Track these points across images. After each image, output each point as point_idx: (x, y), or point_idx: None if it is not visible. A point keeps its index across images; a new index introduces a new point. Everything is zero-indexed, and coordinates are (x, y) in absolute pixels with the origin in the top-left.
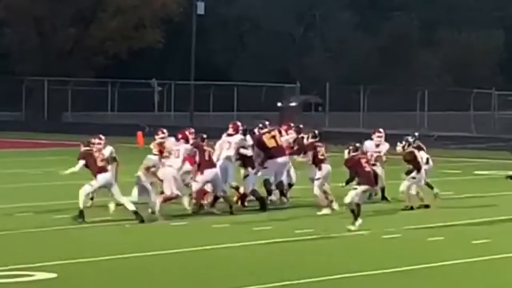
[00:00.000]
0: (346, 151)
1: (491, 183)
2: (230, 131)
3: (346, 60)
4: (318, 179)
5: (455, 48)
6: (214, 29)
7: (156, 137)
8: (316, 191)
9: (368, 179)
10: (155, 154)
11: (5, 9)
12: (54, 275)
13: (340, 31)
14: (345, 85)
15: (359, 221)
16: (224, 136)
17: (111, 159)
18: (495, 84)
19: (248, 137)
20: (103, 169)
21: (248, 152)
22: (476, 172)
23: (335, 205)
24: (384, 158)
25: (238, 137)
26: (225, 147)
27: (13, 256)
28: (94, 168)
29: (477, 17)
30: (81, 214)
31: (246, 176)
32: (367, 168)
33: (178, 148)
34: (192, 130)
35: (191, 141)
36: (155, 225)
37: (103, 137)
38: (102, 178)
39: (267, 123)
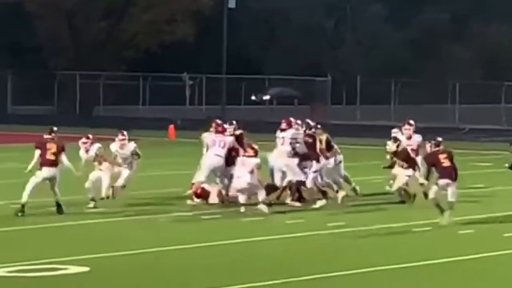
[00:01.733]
0: (427, 146)
1: None
2: (283, 126)
3: (377, 53)
4: (315, 171)
5: (486, 41)
6: (245, 22)
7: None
8: (310, 183)
9: (448, 174)
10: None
11: (38, 4)
12: (86, 268)
13: (371, 24)
14: (376, 78)
15: (447, 212)
16: (278, 132)
17: (135, 155)
18: None
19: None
20: (50, 163)
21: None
22: (507, 164)
23: (340, 193)
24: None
25: (292, 131)
26: (279, 143)
27: (46, 250)
28: (42, 159)
29: (509, 10)
30: (22, 207)
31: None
32: (446, 164)
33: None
34: (220, 121)
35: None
36: (188, 219)
37: (125, 133)
38: (45, 171)
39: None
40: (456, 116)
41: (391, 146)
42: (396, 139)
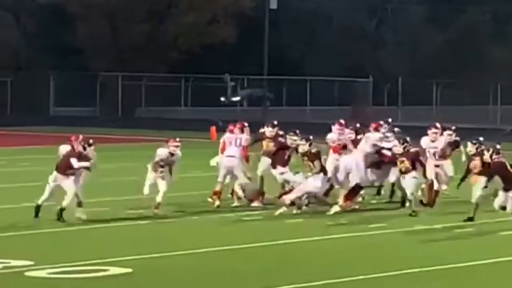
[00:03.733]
0: (487, 154)
1: None
2: (374, 126)
3: (419, 54)
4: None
5: None
6: (286, 23)
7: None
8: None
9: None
10: None
11: (80, 5)
12: (129, 270)
13: (412, 25)
14: (418, 79)
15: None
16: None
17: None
18: None
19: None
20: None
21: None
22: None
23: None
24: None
25: (378, 135)
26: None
27: (87, 251)
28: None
29: None
30: (60, 212)
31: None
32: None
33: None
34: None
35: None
36: (229, 220)
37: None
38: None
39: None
40: (498, 117)
41: (470, 148)
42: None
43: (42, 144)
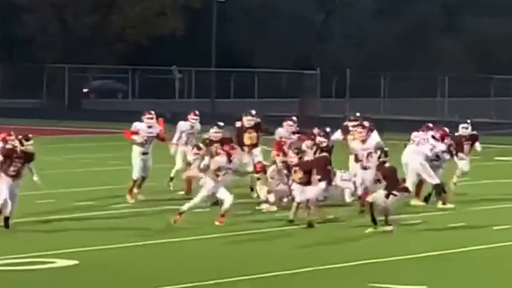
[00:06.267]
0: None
1: (510, 169)
2: (438, 135)
3: (367, 46)
4: None
5: (476, 34)
6: (234, 16)
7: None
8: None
9: None
10: None
11: None
12: (75, 262)
13: (361, 17)
14: (366, 71)
15: None
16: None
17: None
18: None
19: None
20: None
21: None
22: (497, 158)
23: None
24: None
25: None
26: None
27: (34, 243)
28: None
29: (499, 3)
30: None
31: None
32: None
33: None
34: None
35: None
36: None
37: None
38: None
39: (358, 114)
40: (445, 109)
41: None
42: None
43: None
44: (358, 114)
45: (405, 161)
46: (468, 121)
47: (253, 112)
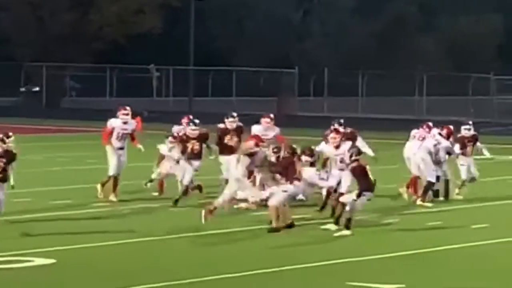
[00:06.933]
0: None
1: (491, 168)
2: (444, 132)
3: (345, 45)
4: None
5: (454, 33)
6: (213, 14)
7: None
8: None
9: None
10: None
11: None
12: (53, 260)
13: (339, 16)
14: (344, 70)
15: None
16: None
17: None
18: (493, 69)
19: None
20: None
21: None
22: (474, 157)
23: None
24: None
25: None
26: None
27: (11, 242)
28: None
29: (476, 1)
30: None
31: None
32: None
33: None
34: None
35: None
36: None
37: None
38: None
39: (342, 120)
40: (423, 108)
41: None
42: None
43: None
44: (342, 120)
45: (407, 156)
46: (470, 122)
47: (234, 114)
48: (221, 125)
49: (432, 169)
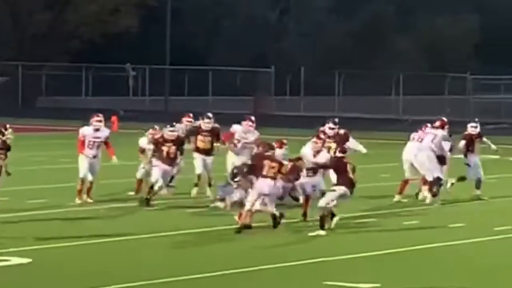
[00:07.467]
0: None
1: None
2: (437, 124)
3: (322, 45)
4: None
5: (430, 33)
6: (189, 13)
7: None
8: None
9: None
10: None
11: None
12: (29, 260)
13: (315, 15)
14: (320, 69)
15: None
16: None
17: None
18: (470, 68)
19: None
20: None
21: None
22: (452, 156)
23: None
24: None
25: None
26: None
27: None
28: None
29: (453, 2)
30: None
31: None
32: None
33: None
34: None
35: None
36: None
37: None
38: None
39: (336, 120)
40: (400, 107)
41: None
42: None
43: None
44: (336, 120)
45: (406, 158)
46: (476, 120)
47: (210, 115)
48: (197, 123)
49: (438, 165)
